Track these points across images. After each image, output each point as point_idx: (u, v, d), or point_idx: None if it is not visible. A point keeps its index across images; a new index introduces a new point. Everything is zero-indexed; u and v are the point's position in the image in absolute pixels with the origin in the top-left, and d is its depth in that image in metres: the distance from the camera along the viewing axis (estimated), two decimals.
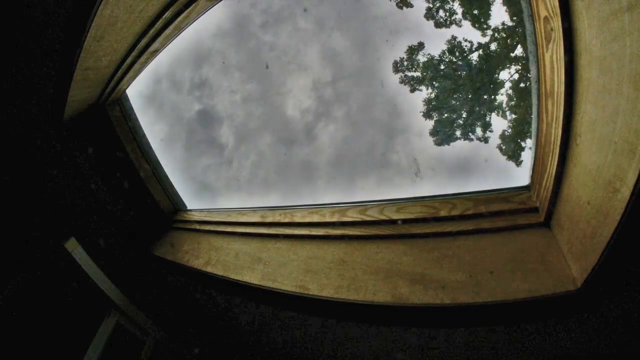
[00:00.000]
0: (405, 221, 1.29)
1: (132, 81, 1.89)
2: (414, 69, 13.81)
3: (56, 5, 1.18)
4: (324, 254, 1.32)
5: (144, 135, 2.06)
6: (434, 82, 13.41)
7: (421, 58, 13.58)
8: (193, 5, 1.40)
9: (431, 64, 13.33)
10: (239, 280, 1.40)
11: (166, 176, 2.15)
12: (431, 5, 12.64)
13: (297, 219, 1.57)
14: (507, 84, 12.20)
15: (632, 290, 0.83)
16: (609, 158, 0.74)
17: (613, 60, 0.69)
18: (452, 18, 12.60)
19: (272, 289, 1.28)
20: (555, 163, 0.96)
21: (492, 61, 12.07)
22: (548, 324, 0.97)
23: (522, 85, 11.80)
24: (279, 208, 1.74)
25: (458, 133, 13.74)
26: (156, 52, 1.69)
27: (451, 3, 12.42)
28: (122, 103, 1.98)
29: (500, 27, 11.84)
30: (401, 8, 13.09)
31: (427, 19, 12.93)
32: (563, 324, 0.96)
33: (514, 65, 11.84)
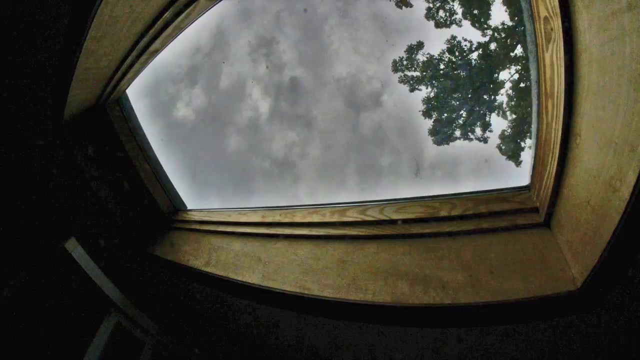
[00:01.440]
0: (405, 221, 1.29)
1: (132, 81, 1.89)
2: (413, 68, 13.80)
3: (56, 5, 1.18)
4: (324, 254, 1.32)
5: (144, 135, 2.05)
6: (434, 82, 13.41)
7: (420, 57, 13.58)
8: (193, 5, 1.40)
9: (431, 63, 13.32)
10: (239, 280, 1.40)
11: (166, 176, 2.15)
12: (431, 5, 12.64)
13: (297, 219, 1.57)
14: (507, 84, 12.20)
15: (632, 290, 0.83)
16: (609, 158, 0.74)
17: (613, 60, 0.69)
18: (452, 18, 12.59)
19: (272, 289, 1.28)
20: (555, 163, 0.96)
21: (492, 61, 12.07)
22: (548, 324, 0.97)
23: (522, 85, 11.80)
24: (279, 208, 1.73)
25: (458, 133, 13.73)
26: (156, 52, 1.69)
27: (451, 3, 12.41)
28: (122, 103, 1.97)
29: (500, 27, 11.84)
30: (400, 8, 13.08)
31: (427, 19, 12.94)
32: (563, 324, 0.96)
33: (514, 65, 11.84)
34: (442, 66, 13.20)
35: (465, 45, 12.63)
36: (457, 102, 13.27)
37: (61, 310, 1.73)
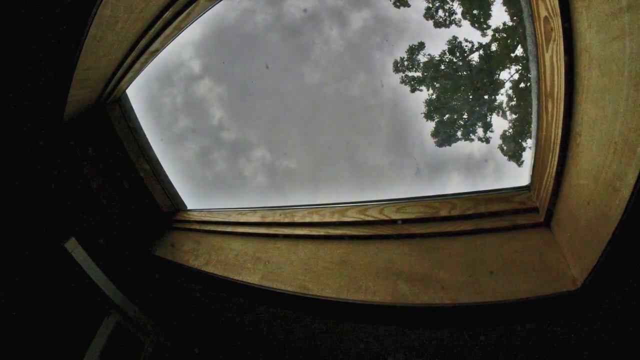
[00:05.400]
0: (405, 221, 1.29)
1: (132, 81, 1.89)
2: (414, 69, 13.79)
3: (56, 6, 1.18)
4: (324, 254, 1.32)
5: (144, 135, 2.06)
6: (435, 83, 13.40)
7: (421, 58, 13.57)
8: (193, 5, 1.40)
9: (431, 64, 13.32)
10: (239, 280, 1.40)
11: (166, 176, 2.15)
12: (430, 5, 12.63)
13: (297, 219, 1.56)
14: (508, 84, 12.20)
15: (632, 289, 0.83)
16: (609, 158, 0.74)
17: (613, 60, 0.69)
18: (452, 18, 12.59)
19: (272, 289, 1.28)
20: (555, 163, 0.96)
21: (493, 61, 12.06)
22: (548, 324, 0.97)
23: (522, 85, 11.80)
24: (279, 208, 1.73)
25: (459, 133, 13.73)
26: (156, 52, 1.69)
27: (450, 3, 12.41)
28: (122, 103, 1.98)
29: (500, 27, 11.83)
30: (398, 7, 13.06)
31: (427, 19, 12.94)
32: (563, 324, 0.95)
33: (514, 65, 11.83)
34: (442, 67, 13.20)
35: (466, 46, 12.63)
36: (458, 103, 13.27)
37: (61, 310, 1.73)
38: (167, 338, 2.01)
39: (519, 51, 11.64)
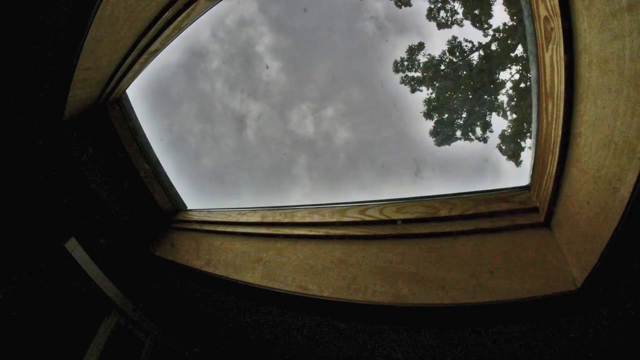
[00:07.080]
0: (405, 221, 1.29)
1: (132, 81, 1.89)
2: (414, 69, 13.78)
3: (56, 6, 1.18)
4: (324, 254, 1.32)
5: (144, 135, 2.06)
6: (435, 82, 13.39)
7: (421, 58, 13.56)
8: (193, 5, 1.40)
9: (432, 64, 13.31)
10: (239, 280, 1.40)
11: (166, 176, 2.15)
12: (432, 5, 12.63)
13: (297, 219, 1.57)
14: (508, 84, 12.19)
15: (632, 289, 0.83)
16: (609, 158, 0.74)
17: (613, 60, 0.69)
18: (453, 18, 12.59)
19: (272, 289, 1.28)
20: (555, 163, 0.96)
21: (493, 61, 12.06)
22: (548, 324, 0.97)
23: (522, 85, 11.79)
24: (279, 208, 1.74)
25: (458, 133, 13.72)
26: (156, 52, 1.69)
27: (452, 3, 12.41)
28: (122, 103, 1.98)
29: (500, 27, 11.83)
30: (400, 7, 13.06)
31: (428, 19, 12.93)
32: (563, 324, 0.95)
33: (514, 65, 11.83)
34: (442, 67, 13.19)
35: (466, 46, 12.63)
36: (458, 103, 13.26)
37: (61, 310, 1.73)
38: (167, 338, 2.01)
39: (519, 51, 11.64)
